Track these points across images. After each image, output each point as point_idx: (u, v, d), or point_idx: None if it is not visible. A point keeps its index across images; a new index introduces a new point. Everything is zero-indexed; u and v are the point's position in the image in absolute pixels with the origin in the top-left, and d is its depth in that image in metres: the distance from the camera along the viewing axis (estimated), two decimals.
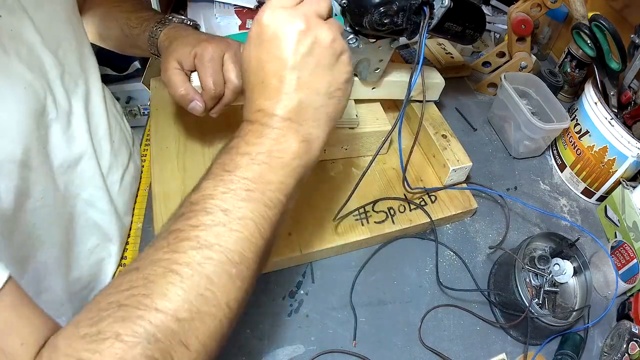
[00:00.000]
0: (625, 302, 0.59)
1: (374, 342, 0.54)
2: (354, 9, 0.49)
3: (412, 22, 0.49)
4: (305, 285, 0.57)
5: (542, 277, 0.57)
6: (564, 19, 0.90)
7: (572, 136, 0.72)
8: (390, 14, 0.48)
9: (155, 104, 0.70)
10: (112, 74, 1.30)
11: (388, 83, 0.65)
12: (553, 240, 0.59)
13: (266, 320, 0.54)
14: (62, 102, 0.47)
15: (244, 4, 0.94)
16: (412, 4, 0.48)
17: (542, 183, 0.75)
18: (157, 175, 0.60)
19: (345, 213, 0.60)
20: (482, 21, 0.60)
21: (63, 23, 0.50)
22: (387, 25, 0.48)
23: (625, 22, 0.75)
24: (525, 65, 0.81)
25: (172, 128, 0.67)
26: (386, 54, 0.59)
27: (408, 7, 0.48)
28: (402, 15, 0.48)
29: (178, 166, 0.62)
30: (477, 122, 0.81)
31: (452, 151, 0.65)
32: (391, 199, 0.63)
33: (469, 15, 0.57)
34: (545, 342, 0.55)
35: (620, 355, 0.53)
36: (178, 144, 0.65)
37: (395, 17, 0.48)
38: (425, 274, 0.60)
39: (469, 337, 0.55)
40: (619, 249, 0.62)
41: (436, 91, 0.70)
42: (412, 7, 0.48)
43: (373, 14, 0.47)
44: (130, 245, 0.59)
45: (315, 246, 0.57)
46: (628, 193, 0.63)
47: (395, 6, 0.47)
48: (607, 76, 0.67)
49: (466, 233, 0.65)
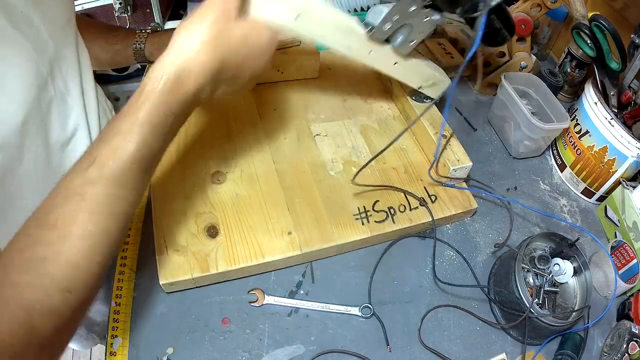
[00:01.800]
0: (625, 302, 0.59)
1: (374, 342, 0.54)
2: None
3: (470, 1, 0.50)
4: (305, 285, 0.57)
5: (542, 277, 0.57)
6: (564, 19, 0.90)
7: (572, 136, 0.72)
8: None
9: None
10: (112, 74, 1.30)
11: (410, 65, 0.64)
12: (553, 240, 0.59)
13: (266, 320, 0.54)
14: (60, 83, 0.51)
15: None
16: None
17: (542, 183, 0.75)
18: (155, 175, 0.60)
19: (345, 214, 0.60)
20: (513, 30, 0.61)
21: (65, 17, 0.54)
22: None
23: (625, 22, 0.75)
24: (525, 65, 0.81)
25: None
26: (428, 29, 0.59)
27: None
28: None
29: (177, 166, 0.62)
30: (477, 122, 0.81)
31: (453, 151, 0.65)
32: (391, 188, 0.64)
33: (508, 19, 0.59)
34: (545, 342, 0.55)
35: (620, 355, 0.53)
36: (177, 143, 0.65)
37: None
38: (425, 273, 0.60)
39: (469, 337, 0.55)
40: (619, 249, 0.62)
41: (441, 88, 0.70)
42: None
43: None
44: (130, 245, 0.59)
45: (315, 245, 0.57)
46: (628, 193, 0.63)
47: None
48: (607, 76, 0.67)
49: (466, 233, 0.65)
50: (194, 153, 0.64)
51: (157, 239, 0.55)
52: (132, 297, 0.54)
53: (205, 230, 0.57)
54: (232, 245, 0.56)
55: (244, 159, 0.65)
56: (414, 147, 0.71)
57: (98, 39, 0.66)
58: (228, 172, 0.63)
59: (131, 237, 0.60)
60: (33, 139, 0.47)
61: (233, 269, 0.54)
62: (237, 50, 0.41)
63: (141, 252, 0.59)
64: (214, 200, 0.60)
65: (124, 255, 0.58)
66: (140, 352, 0.50)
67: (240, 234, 0.57)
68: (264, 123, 0.70)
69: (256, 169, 0.64)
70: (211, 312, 0.54)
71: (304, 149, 0.68)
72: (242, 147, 0.66)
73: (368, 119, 0.74)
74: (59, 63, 0.52)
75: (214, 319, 0.53)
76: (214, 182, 0.62)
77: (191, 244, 0.55)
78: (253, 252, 0.55)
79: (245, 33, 0.41)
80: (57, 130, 0.52)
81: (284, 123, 0.71)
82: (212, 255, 0.54)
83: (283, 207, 0.60)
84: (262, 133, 0.69)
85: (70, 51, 0.55)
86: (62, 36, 0.52)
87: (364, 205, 0.62)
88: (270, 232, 0.58)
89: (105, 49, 0.68)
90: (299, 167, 0.65)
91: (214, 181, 0.62)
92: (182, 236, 0.56)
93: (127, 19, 0.97)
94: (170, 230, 0.56)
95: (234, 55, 0.41)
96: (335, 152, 0.68)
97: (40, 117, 0.48)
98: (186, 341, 0.51)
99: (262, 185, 0.62)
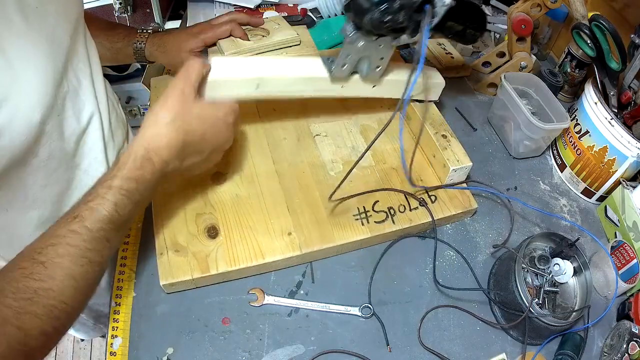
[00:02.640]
0: (625, 302, 0.59)
1: (374, 342, 0.54)
2: (356, 7, 0.49)
3: (414, 21, 0.49)
4: (305, 285, 0.57)
5: (542, 277, 0.57)
6: (564, 19, 0.90)
7: (572, 136, 0.72)
8: (391, 12, 0.47)
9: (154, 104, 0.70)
10: (112, 74, 1.30)
11: (389, 82, 0.65)
12: (553, 240, 0.59)
13: (266, 320, 0.54)
14: (73, 78, 0.53)
15: (244, 4, 0.94)
16: (414, 2, 0.47)
17: (542, 183, 0.75)
18: None
19: (345, 214, 0.60)
20: (483, 21, 0.60)
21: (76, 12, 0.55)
22: (388, 23, 0.48)
23: (625, 22, 0.75)
24: (525, 65, 0.81)
25: None
26: (387, 52, 0.59)
27: (409, 5, 0.47)
28: (403, 14, 0.48)
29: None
30: (477, 122, 0.81)
31: (453, 151, 0.65)
32: (391, 190, 0.63)
33: (470, 15, 0.57)
34: (545, 342, 0.55)
35: (620, 355, 0.53)
36: None
37: (396, 15, 0.48)
38: (425, 273, 0.60)
39: (469, 338, 0.55)
40: (619, 249, 0.62)
41: (437, 91, 0.70)
42: (413, 5, 0.48)
43: (374, 12, 0.47)
44: (130, 246, 0.59)
45: (315, 245, 0.57)
46: (628, 193, 0.63)
47: (396, 4, 0.47)
48: (607, 76, 0.67)
49: (466, 233, 0.65)
50: None
51: (157, 239, 0.55)
52: (132, 297, 0.54)
53: (205, 230, 0.57)
54: (232, 245, 0.56)
55: (244, 160, 0.65)
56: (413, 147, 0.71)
57: (99, 35, 0.67)
58: (228, 173, 0.63)
59: (131, 237, 0.60)
60: (49, 135, 0.48)
61: (233, 270, 0.54)
62: (196, 128, 0.47)
63: (141, 252, 0.59)
64: (214, 200, 0.60)
65: (124, 255, 0.58)
66: (140, 352, 0.50)
67: (240, 235, 0.57)
68: (263, 123, 0.70)
69: (256, 169, 0.64)
70: (211, 312, 0.54)
71: (303, 149, 0.68)
72: (242, 148, 0.66)
73: (368, 119, 0.74)
74: (71, 58, 0.52)
75: (214, 319, 0.53)
76: (214, 182, 0.62)
77: (191, 245, 0.55)
78: (253, 252, 0.55)
79: (201, 113, 0.48)
80: (73, 124, 0.53)
81: (283, 123, 0.71)
82: (212, 256, 0.54)
83: (283, 208, 0.60)
84: (262, 133, 0.69)
85: (80, 45, 0.55)
86: (74, 31, 0.53)
87: (364, 205, 0.62)
88: (270, 232, 0.58)
89: (106, 46, 0.69)
90: (299, 167, 0.65)
91: (214, 182, 0.62)
92: (182, 237, 0.56)
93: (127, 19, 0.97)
94: (170, 230, 0.56)
95: (193, 134, 0.47)
96: (335, 153, 0.68)
97: (57, 113, 0.50)
98: (186, 341, 0.51)
99: (262, 186, 0.62)
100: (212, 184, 0.62)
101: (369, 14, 0.47)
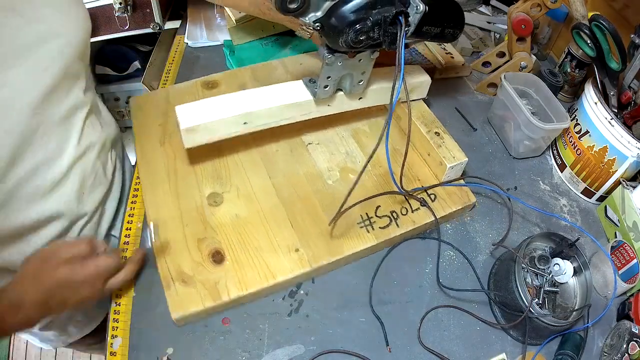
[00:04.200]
0: (625, 302, 0.59)
1: (374, 342, 0.54)
2: (328, 31, 0.48)
3: (389, 34, 0.49)
4: (305, 285, 0.57)
5: (542, 277, 0.57)
6: (564, 19, 0.90)
7: (572, 136, 0.72)
8: (365, 30, 0.47)
9: (137, 125, 0.68)
10: (112, 74, 1.30)
11: (374, 91, 0.65)
12: (553, 240, 0.59)
13: (266, 320, 0.54)
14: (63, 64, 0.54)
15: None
16: (386, 16, 0.47)
17: (542, 183, 0.75)
18: (149, 201, 0.59)
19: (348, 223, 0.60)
20: (461, 18, 0.58)
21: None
22: (363, 41, 0.48)
23: (625, 22, 0.75)
24: (525, 65, 0.81)
25: (158, 151, 0.65)
26: (368, 66, 0.58)
27: (382, 20, 0.47)
28: (377, 29, 0.48)
29: (170, 189, 0.60)
30: (477, 122, 0.81)
31: (447, 148, 0.64)
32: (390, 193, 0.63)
33: (446, 15, 0.56)
34: (545, 342, 0.55)
35: (620, 355, 0.53)
36: (167, 168, 0.63)
37: (371, 32, 0.48)
38: (425, 274, 0.60)
39: (469, 338, 0.55)
40: (619, 249, 0.62)
41: (423, 89, 0.70)
42: (387, 20, 0.47)
43: (348, 33, 0.47)
44: (130, 246, 0.59)
45: (324, 259, 0.56)
46: (628, 193, 0.63)
47: (369, 22, 0.47)
48: (607, 76, 0.67)
49: (466, 233, 0.65)
50: (184, 176, 0.62)
51: (161, 272, 0.53)
52: (132, 297, 0.54)
53: (210, 256, 0.54)
54: (241, 268, 0.54)
55: (238, 176, 0.63)
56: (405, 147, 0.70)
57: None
58: (224, 192, 0.61)
59: (131, 237, 0.60)
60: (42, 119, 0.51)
61: (246, 294, 0.52)
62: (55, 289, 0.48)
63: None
64: (214, 223, 0.58)
65: (124, 255, 0.58)
66: (140, 352, 0.50)
67: (247, 256, 0.55)
68: (253, 136, 0.64)
69: (252, 185, 0.62)
70: (211, 312, 0.54)
71: (298, 160, 0.66)
72: (234, 163, 0.64)
73: (358, 122, 0.72)
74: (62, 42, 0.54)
75: (214, 319, 0.53)
76: (211, 204, 0.59)
77: (197, 273, 0.53)
78: (263, 273, 0.54)
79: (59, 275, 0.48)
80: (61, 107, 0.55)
81: (274, 134, 0.67)
82: (221, 283, 0.53)
83: (286, 223, 0.58)
84: (253, 147, 0.66)
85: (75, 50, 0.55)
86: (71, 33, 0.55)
87: (367, 212, 0.61)
88: (276, 250, 0.56)
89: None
90: (295, 179, 0.63)
91: (210, 203, 0.59)
92: (187, 265, 0.53)
93: (127, 19, 0.96)
94: (173, 259, 0.54)
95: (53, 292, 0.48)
96: (330, 160, 0.67)
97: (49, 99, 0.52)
98: (186, 341, 0.51)
99: (260, 202, 0.60)
100: (209, 205, 0.59)
101: (343, 36, 0.47)
